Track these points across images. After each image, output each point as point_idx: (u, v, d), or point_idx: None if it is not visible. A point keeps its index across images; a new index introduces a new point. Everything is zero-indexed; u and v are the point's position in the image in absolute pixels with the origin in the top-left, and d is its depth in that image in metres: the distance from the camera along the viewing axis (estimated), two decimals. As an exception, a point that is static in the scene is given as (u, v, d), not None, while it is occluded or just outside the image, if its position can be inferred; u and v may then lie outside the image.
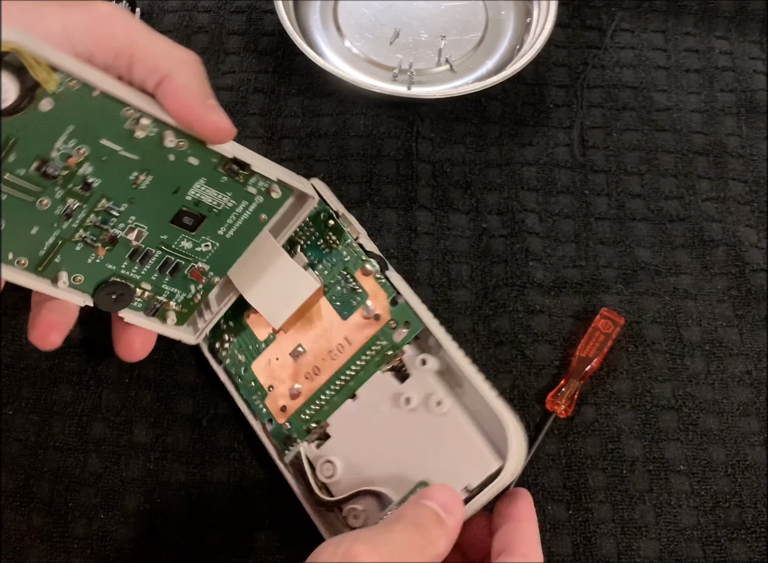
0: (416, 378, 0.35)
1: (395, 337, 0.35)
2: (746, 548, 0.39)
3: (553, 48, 0.53)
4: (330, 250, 0.38)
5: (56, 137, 0.30)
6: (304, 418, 0.37)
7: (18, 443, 0.41)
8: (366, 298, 0.36)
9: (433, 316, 0.35)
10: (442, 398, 0.34)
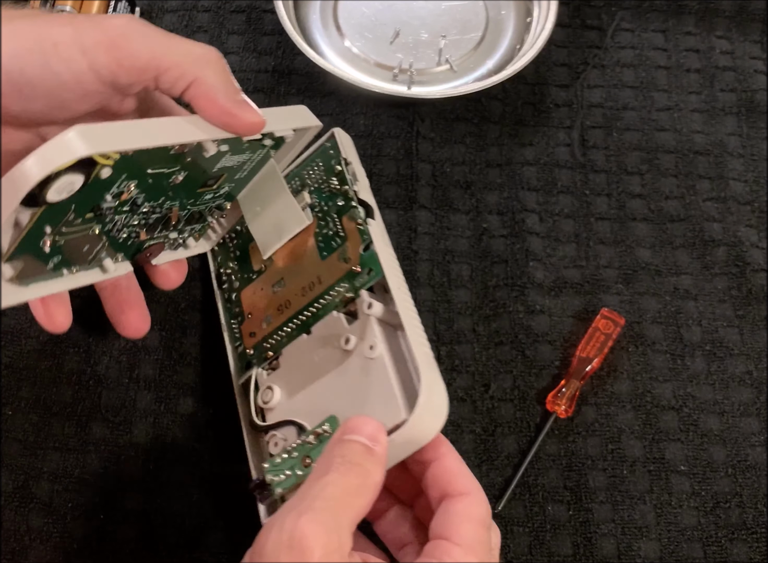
0: (361, 322, 0.35)
1: (357, 282, 0.36)
2: (747, 548, 0.39)
3: (553, 48, 0.53)
4: (330, 193, 0.39)
5: (111, 188, 0.32)
6: (265, 346, 0.39)
7: (18, 443, 0.41)
8: (345, 242, 0.37)
9: (398, 267, 0.36)
10: (375, 343, 0.34)
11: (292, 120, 0.38)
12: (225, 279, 0.43)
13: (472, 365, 0.43)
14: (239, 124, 0.32)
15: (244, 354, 0.40)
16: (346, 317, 0.36)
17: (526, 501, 0.40)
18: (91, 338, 0.43)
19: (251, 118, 0.32)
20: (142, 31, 0.30)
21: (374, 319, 0.35)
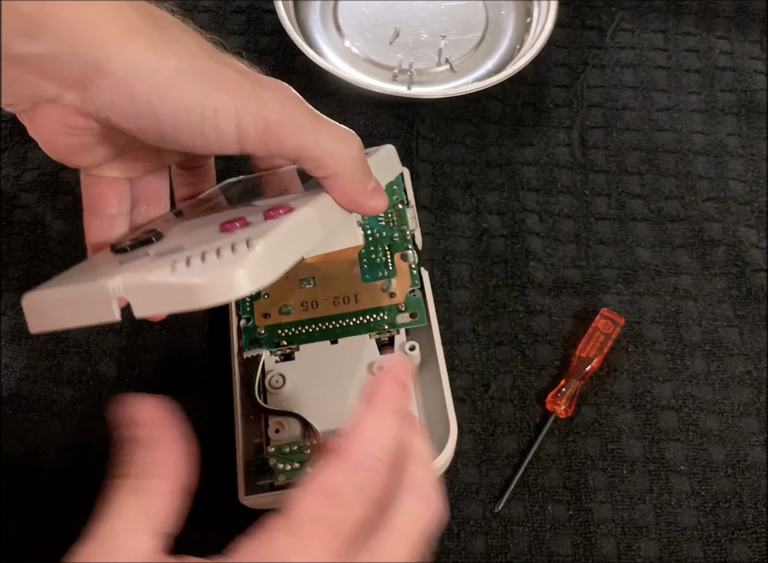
0: (395, 356, 0.39)
1: (398, 319, 0.39)
2: (746, 548, 0.39)
3: (553, 48, 0.53)
4: (386, 225, 0.42)
5: None
6: (280, 333, 0.39)
7: (18, 443, 0.41)
8: (393, 276, 0.40)
9: (435, 316, 0.40)
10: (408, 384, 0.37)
11: (386, 173, 0.37)
12: None
13: (472, 365, 0.43)
14: (366, 211, 0.33)
15: (253, 329, 0.40)
16: (380, 345, 0.39)
17: (526, 501, 0.40)
18: (91, 338, 0.43)
19: (377, 205, 0.33)
20: (295, 118, 0.30)
21: (410, 360, 0.39)
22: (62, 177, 0.48)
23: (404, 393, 0.27)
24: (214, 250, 0.27)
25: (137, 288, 0.27)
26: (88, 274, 0.30)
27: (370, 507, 0.24)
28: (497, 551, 0.39)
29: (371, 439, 0.25)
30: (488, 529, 0.39)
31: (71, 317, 0.29)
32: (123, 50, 0.27)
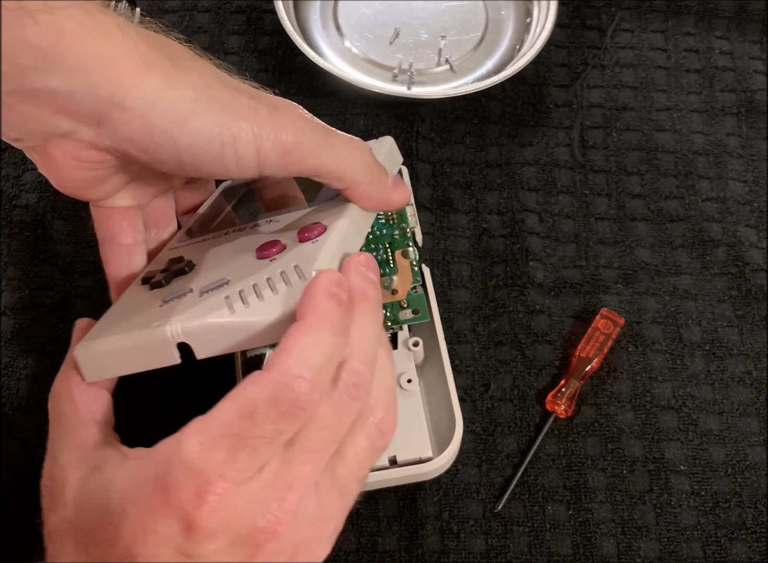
0: (399, 352, 0.39)
1: (400, 315, 0.39)
2: (746, 548, 0.39)
3: (553, 48, 0.53)
4: (386, 222, 0.41)
5: None
6: None
7: (18, 443, 0.41)
8: (394, 274, 0.40)
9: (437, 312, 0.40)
10: (413, 378, 0.39)
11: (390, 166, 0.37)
12: None
13: (472, 365, 0.43)
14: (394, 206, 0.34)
15: None
16: None
17: (526, 501, 0.40)
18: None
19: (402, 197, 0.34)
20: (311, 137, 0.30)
21: (413, 356, 0.39)
22: (62, 177, 0.48)
23: (342, 310, 0.27)
24: (265, 284, 0.28)
25: (198, 332, 0.27)
26: (136, 318, 0.30)
27: (284, 424, 0.25)
28: (497, 551, 0.39)
29: (298, 357, 0.25)
30: (488, 529, 0.39)
31: (129, 365, 0.29)
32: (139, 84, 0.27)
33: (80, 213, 0.47)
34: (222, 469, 0.24)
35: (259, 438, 0.24)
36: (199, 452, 0.24)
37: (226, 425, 0.24)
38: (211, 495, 0.23)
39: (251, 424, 0.24)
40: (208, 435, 0.24)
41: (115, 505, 0.25)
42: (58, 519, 0.27)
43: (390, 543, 0.39)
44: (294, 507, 0.25)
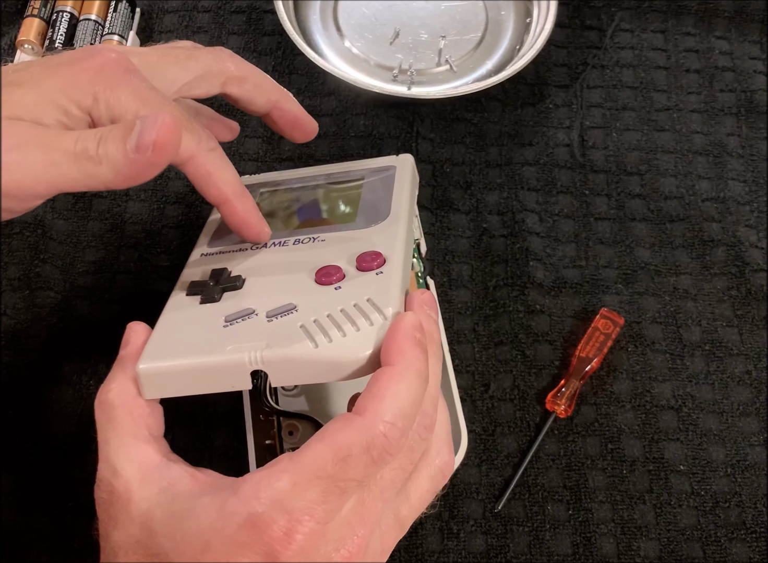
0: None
1: None
2: (746, 548, 0.39)
3: (553, 48, 0.53)
4: None
5: None
6: None
7: (18, 443, 0.41)
8: None
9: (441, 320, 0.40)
10: None
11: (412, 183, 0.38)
12: None
13: (472, 365, 0.43)
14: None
15: None
16: None
17: (526, 501, 0.40)
18: (91, 338, 0.43)
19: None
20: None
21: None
22: (62, 177, 0.48)
23: (425, 356, 0.28)
24: (342, 317, 0.28)
25: (279, 363, 0.28)
26: (202, 338, 0.30)
27: (374, 468, 0.26)
28: (497, 551, 0.39)
29: (391, 404, 0.26)
30: (488, 529, 0.39)
31: (196, 387, 0.29)
32: None
33: (80, 213, 0.47)
34: (312, 510, 0.25)
35: (349, 481, 0.25)
36: (291, 491, 0.25)
37: (320, 467, 0.25)
38: (299, 534, 0.24)
39: (344, 468, 0.25)
40: (301, 476, 0.25)
41: (197, 534, 0.25)
42: (123, 536, 0.26)
43: (390, 543, 0.39)
44: (365, 543, 0.26)
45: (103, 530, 0.27)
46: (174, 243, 0.46)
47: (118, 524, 0.27)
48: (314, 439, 0.26)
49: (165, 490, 0.27)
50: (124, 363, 0.30)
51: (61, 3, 0.51)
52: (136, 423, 0.29)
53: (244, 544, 0.24)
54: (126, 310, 0.44)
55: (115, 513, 0.27)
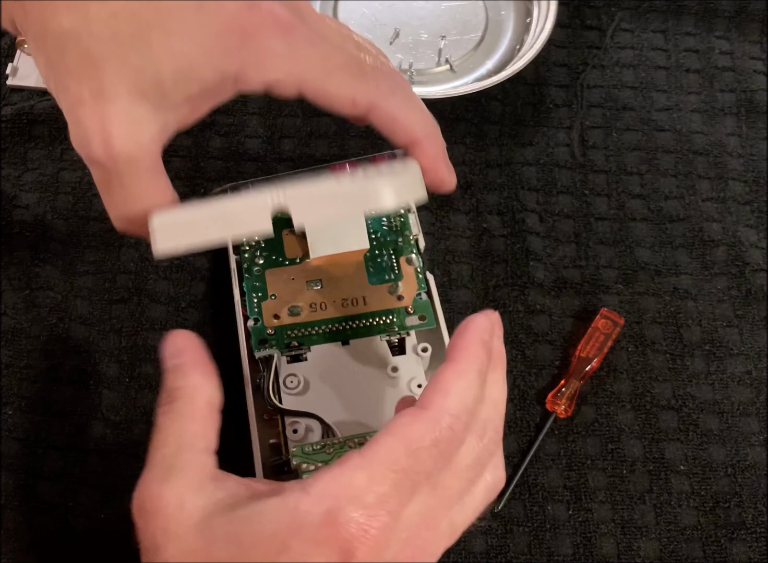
0: (409, 357, 0.40)
1: (407, 321, 0.40)
2: (746, 548, 0.39)
3: (553, 48, 0.53)
4: (390, 228, 0.42)
5: None
6: (290, 334, 0.39)
7: (18, 443, 0.41)
8: (399, 280, 0.41)
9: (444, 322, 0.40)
10: (423, 383, 0.39)
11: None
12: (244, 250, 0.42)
13: (472, 365, 0.43)
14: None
15: (263, 330, 0.40)
16: (390, 346, 0.40)
17: (526, 501, 0.40)
18: (91, 338, 0.43)
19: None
20: None
21: (423, 361, 0.40)
22: (62, 177, 0.48)
23: (488, 358, 0.28)
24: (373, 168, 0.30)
25: (301, 197, 0.29)
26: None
27: (441, 461, 0.26)
28: (497, 551, 0.39)
29: (455, 398, 0.27)
30: (488, 529, 0.39)
31: (215, 230, 0.29)
32: None
33: (80, 213, 0.47)
34: (386, 503, 0.25)
35: (420, 474, 0.26)
36: (368, 487, 0.25)
37: (393, 461, 0.25)
38: (373, 530, 0.25)
39: (416, 461, 0.26)
40: (376, 471, 0.25)
41: (271, 536, 0.25)
42: (178, 546, 0.25)
43: (390, 543, 0.39)
44: (427, 547, 0.27)
45: (150, 544, 0.26)
46: (174, 243, 0.46)
47: (169, 535, 0.25)
48: (383, 434, 0.26)
49: (223, 499, 0.26)
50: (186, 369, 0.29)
51: (61, 3, 0.51)
52: (197, 433, 0.28)
53: (322, 542, 0.24)
54: (126, 310, 0.44)
55: (165, 525, 0.25)
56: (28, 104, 0.49)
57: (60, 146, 0.48)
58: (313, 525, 0.24)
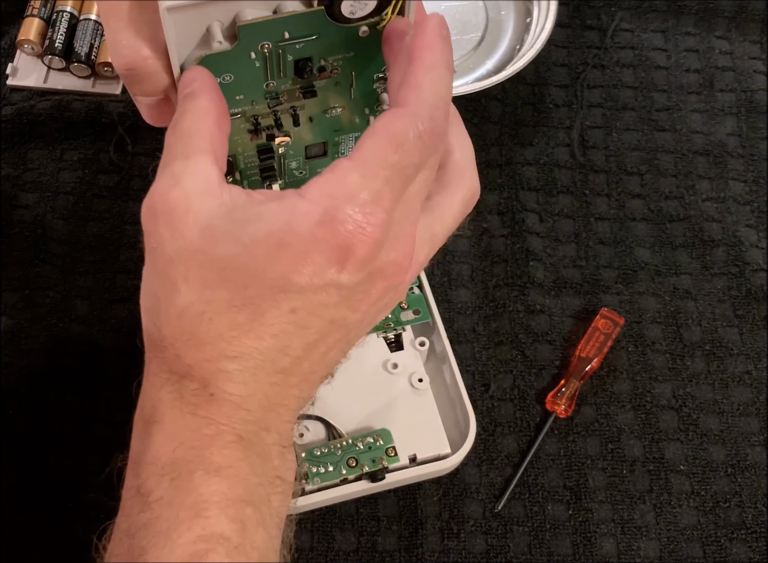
0: (408, 352, 0.40)
1: (402, 316, 0.40)
2: (746, 548, 0.39)
3: (553, 48, 0.53)
4: None
5: (337, 53, 0.31)
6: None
7: (18, 442, 0.41)
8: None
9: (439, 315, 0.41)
10: (424, 377, 0.40)
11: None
12: None
13: (472, 365, 0.43)
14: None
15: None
16: (387, 343, 0.40)
17: (526, 501, 0.40)
18: (91, 338, 0.43)
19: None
20: None
21: (423, 355, 0.40)
22: (62, 177, 0.48)
23: (451, 50, 0.29)
24: None
25: None
26: None
27: (427, 152, 0.26)
28: (497, 551, 0.39)
29: (429, 91, 0.27)
30: (488, 529, 0.39)
31: None
32: None
33: (80, 213, 0.47)
34: (381, 199, 0.25)
35: (409, 167, 0.26)
36: (362, 185, 0.25)
37: (383, 158, 0.25)
38: (370, 226, 0.25)
39: (403, 155, 0.26)
40: (368, 169, 0.25)
41: (268, 235, 0.25)
42: (179, 244, 0.26)
43: (390, 542, 0.39)
44: (413, 243, 0.27)
45: (156, 243, 0.26)
46: (174, 243, 0.46)
47: (174, 232, 0.26)
48: (366, 136, 0.26)
49: (225, 202, 0.26)
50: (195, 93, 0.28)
51: (61, 3, 0.51)
52: (205, 137, 0.28)
53: (320, 240, 0.25)
54: (126, 310, 0.44)
55: (171, 222, 0.26)
56: (28, 104, 0.49)
57: (60, 146, 0.48)
58: (311, 223, 0.25)
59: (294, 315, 0.25)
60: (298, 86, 0.34)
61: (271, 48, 0.31)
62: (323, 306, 0.25)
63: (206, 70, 0.30)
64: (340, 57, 0.33)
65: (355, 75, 0.34)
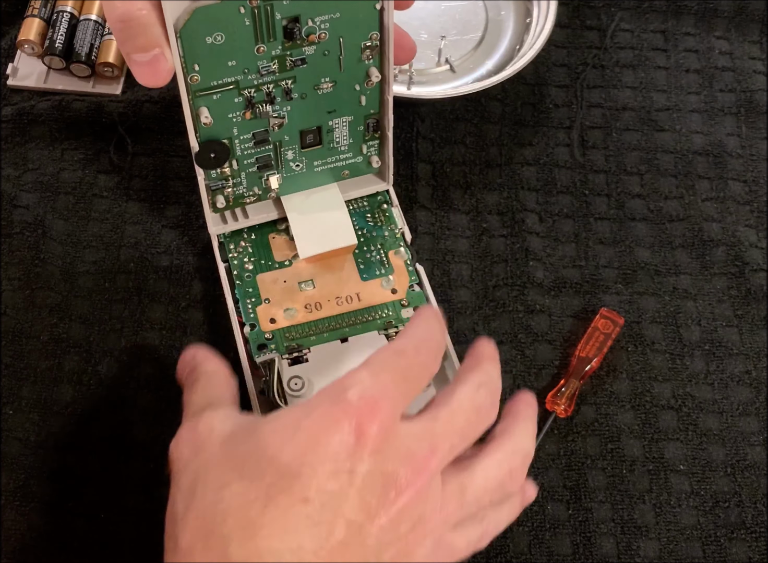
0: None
1: (403, 313, 0.40)
2: (746, 548, 0.39)
3: (553, 48, 0.53)
4: (375, 224, 0.43)
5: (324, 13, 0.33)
6: (288, 337, 0.40)
7: (18, 443, 0.41)
8: (390, 274, 0.42)
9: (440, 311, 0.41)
10: None
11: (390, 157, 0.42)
12: (233, 257, 0.42)
13: (472, 365, 0.43)
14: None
15: (260, 335, 0.40)
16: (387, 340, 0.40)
17: (526, 501, 0.40)
18: (91, 338, 0.43)
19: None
20: None
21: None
22: (62, 177, 0.48)
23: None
24: None
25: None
26: None
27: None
28: (497, 551, 0.39)
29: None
30: (488, 529, 0.39)
31: None
32: None
33: (80, 213, 0.47)
34: (388, 392, 0.28)
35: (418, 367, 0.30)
36: (370, 377, 0.28)
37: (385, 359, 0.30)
38: (381, 413, 0.27)
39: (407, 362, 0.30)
40: (375, 367, 0.29)
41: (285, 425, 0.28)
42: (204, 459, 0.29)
43: (390, 542, 0.39)
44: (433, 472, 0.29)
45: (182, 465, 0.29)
46: (174, 243, 0.46)
47: (198, 452, 0.29)
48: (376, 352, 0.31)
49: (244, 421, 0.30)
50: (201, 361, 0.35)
51: (61, 3, 0.51)
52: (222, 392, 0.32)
53: (336, 420, 0.27)
54: (126, 311, 0.44)
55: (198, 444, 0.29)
56: (28, 104, 0.49)
57: (60, 146, 0.48)
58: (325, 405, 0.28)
59: None
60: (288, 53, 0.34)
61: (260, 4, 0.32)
62: None
63: (201, 348, 0.35)
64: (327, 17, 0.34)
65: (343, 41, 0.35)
